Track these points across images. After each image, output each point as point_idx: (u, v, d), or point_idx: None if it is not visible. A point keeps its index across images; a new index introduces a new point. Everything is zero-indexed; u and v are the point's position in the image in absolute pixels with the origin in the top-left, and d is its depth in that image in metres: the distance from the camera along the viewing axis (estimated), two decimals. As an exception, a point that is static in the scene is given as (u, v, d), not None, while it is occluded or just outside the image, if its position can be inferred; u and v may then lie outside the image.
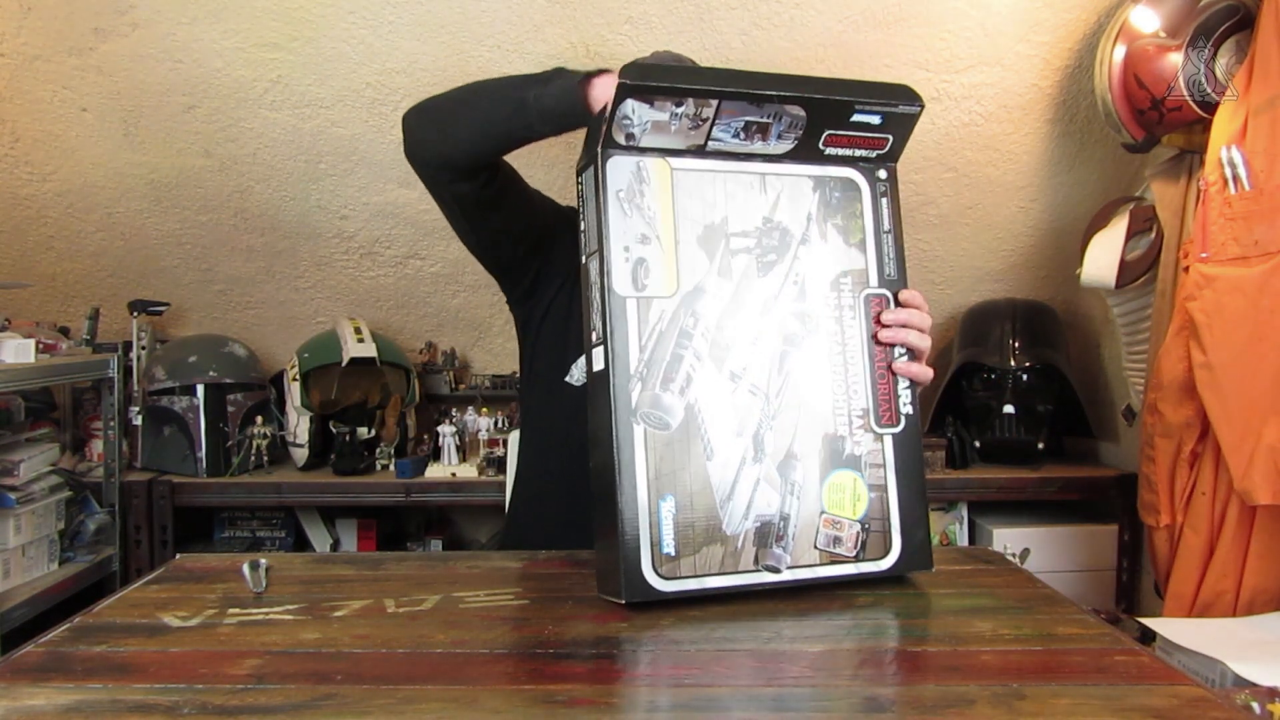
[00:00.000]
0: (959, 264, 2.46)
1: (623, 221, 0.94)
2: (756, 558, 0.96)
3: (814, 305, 1.01)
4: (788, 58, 2.02)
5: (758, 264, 0.99)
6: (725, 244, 0.98)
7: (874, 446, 1.02)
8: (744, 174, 1.00)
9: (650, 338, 0.93)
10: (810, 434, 0.99)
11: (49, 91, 2.03)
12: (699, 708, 0.74)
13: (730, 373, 0.96)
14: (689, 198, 0.97)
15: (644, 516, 0.92)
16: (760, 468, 0.97)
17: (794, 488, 0.98)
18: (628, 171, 0.95)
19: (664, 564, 0.92)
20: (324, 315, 2.54)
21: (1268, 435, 1.61)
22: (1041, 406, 2.36)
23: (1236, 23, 1.76)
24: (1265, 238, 1.63)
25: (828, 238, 1.02)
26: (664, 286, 0.94)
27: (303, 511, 2.47)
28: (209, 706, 0.74)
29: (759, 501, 0.96)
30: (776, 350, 0.99)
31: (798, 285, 1.00)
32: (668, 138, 0.96)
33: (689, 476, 0.94)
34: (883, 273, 1.05)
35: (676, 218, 0.96)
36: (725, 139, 0.98)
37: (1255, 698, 1.22)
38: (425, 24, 1.94)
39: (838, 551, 0.99)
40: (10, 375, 1.85)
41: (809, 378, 1.00)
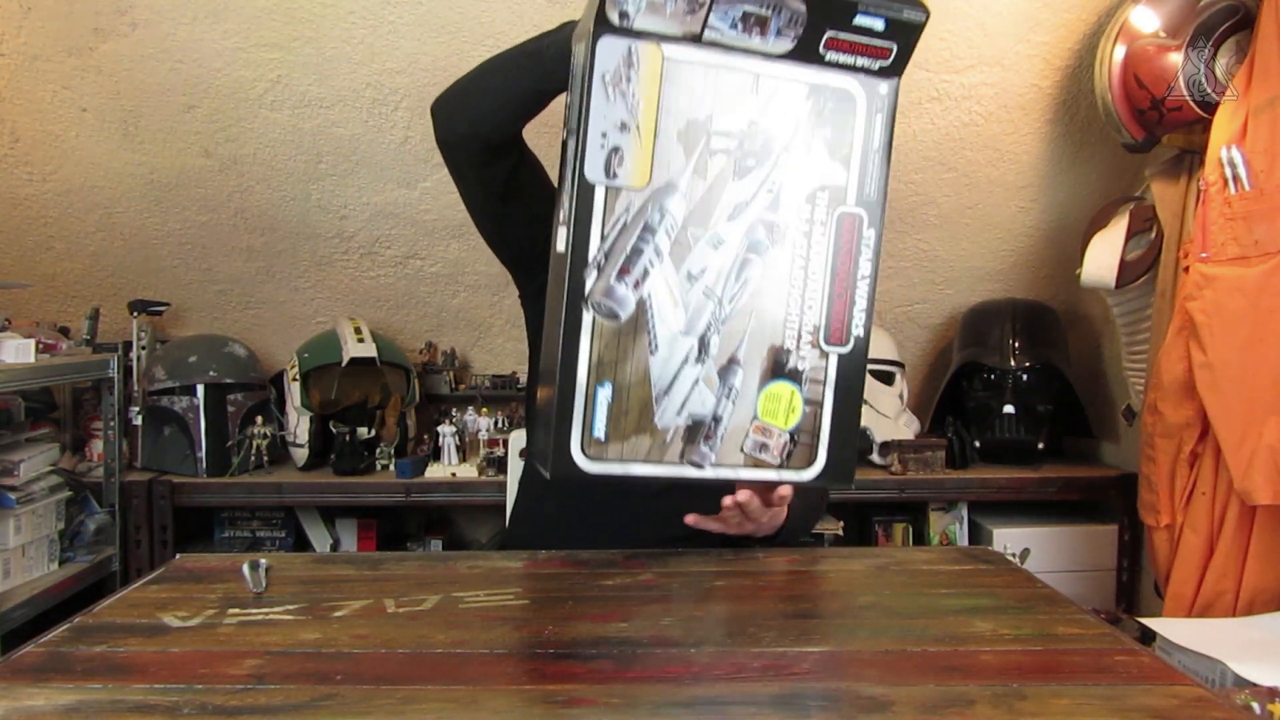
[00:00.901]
0: (959, 264, 2.46)
1: (604, 106, 0.92)
2: (683, 453, 0.97)
3: (785, 216, 1.00)
4: (788, 58, 2.03)
5: (735, 167, 0.97)
6: (706, 142, 0.96)
7: (818, 363, 1.02)
8: (738, 71, 0.97)
9: (614, 228, 0.93)
10: (757, 343, 0.99)
11: (49, 91, 2.03)
12: (699, 708, 0.74)
13: (688, 272, 0.96)
14: (676, 89, 0.94)
15: (579, 399, 0.93)
16: (701, 368, 0.97)
17: (731, 392, 0.99)
18: (618, 54, 0.92)
19: (592, 446, 0.94)
20: (324, 315, 2.54)
21: (1268, 435, 1.61)
22: (1041, 406, 2.36)
23: (1236, 23, 1.76)
24: (1265, 238, 1.63)
25: (812, 149, 1.00)
26: (636, 178, 0.93)
27: (303, 511, 2.47)
28: (209, 706, 0.74)
29: (694, 400, 0.97)
30: (738, 256, 0.98)
31: (772, 194, 0.99)
32: (663, 21, 0.93)
33: (630, 368, 0.95)
34: (863, 192, 1.03)
35: (660, 109, 0.94)
36: (723, 29, 0.94)
37: (1255, 698, 1.22)
38: (425, 24, 1.94)
39: (762, 457, 1.00)
40: (10, 375, 1.85)
41: (766, 288, 0.99)
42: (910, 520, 2.46)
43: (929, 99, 2.10)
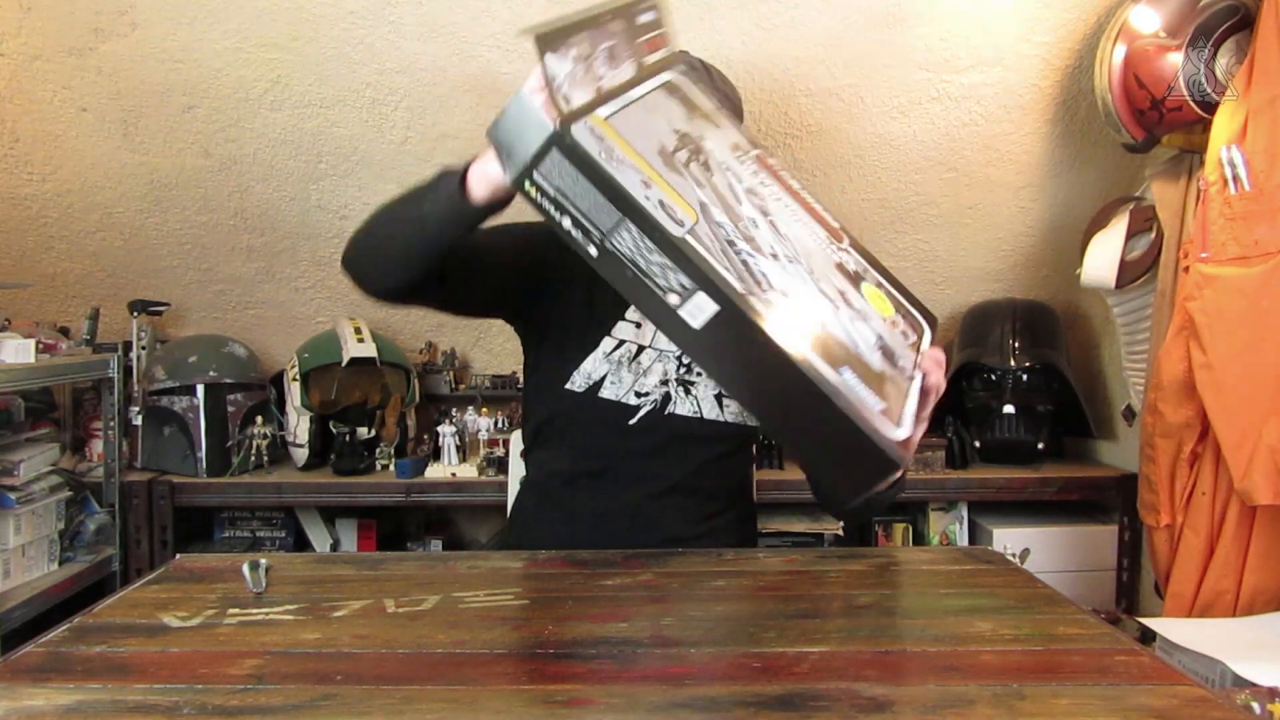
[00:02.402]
0: (959, 264, 2.46)
1: (625, 175, 0.89)
2: (900, 378, 1.00)
3: (752, 178, 1.05)
4: (788, 58, 2.03)
5: (703, 166, 1.00)
6: (677, 159, 0.97)
7: (849, 255, 1.11)
8: (644, 97, 1.01)
9: (720, 260, 0.89)
10: (828, 270, 1.03)
11: (49, 91, 2.03)
12: (699, 708, 0.74)
13: (772, 256, 0.96)
14: (634, 136, 0.94)
15: (855, 402, 0.87)
16: (845, 310, 0.99)
17: (862, 314, 1.02)
18: (591, 134, 0.90)
19: (900, 431, 0.90)
20: (324, 315, 2.54)
21: (1268, 435, 1.61)
22: (1041, 406, 2.36)
23: (1236, 23, 1.76)
24: (1265, 238, 1.63)
25: (719, 123, 1.08)
26: (689, 215, 0.92)
27: (303, 511, 2.47)
28: (209, 706, 0.74)
29: (864, 338, 0.98)
30: (769, 224, 1.01)
31: (730, 170, 1.03)
32: (581, 90, 0.95)
33: (836, 348, 0.92)
34: (744, 133, 1.12)
35: (641, 156, 0.94)
36: (606, 72, 0.99)
37: (1255, 698, 1.22)
38: (425, 24, 1.94)
39: (910, 339, 1.09)
40: (10, 375, 1.85)
41: (793, 231, 1.04)
42: (910, 520, 2.46)
43: (929, 99, 2.10)
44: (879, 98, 2.10)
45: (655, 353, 1.40)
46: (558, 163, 0.85)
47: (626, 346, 1.39)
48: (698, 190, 0.95)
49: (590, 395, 1.36)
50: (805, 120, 2.14)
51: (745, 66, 2.03)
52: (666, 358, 1.40)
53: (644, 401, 1.38)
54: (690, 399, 1.39)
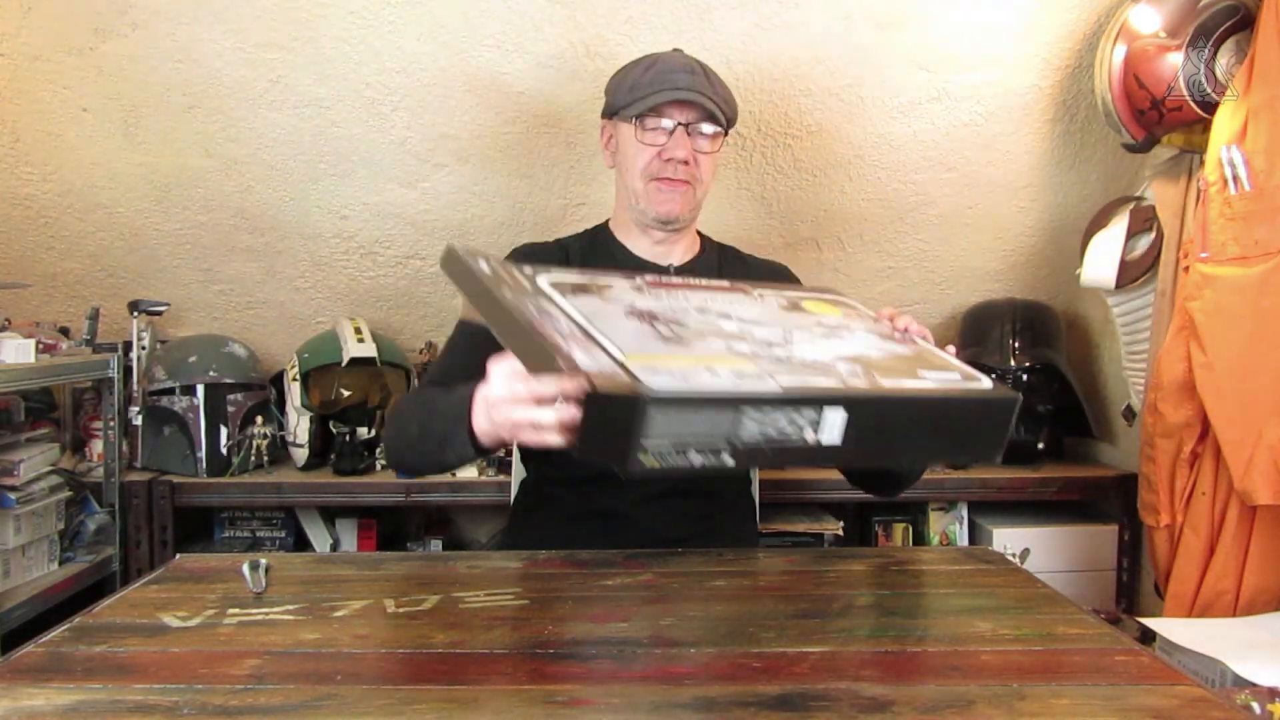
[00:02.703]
0: (959, 264, 2.46)
1: (703, 378, 0.86)
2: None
3: (692, 302, 1.06)
4: (788, 58, 2.03)
5: (678, 322, 0.99)
6: (677, 332, 0.96)
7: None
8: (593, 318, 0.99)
9: (805, 376, 0.91)
10: (800, 322, 1.08)
11: (49, 91, 2.03)
12: (699, 708, 0.74)
13: (786, 341, 0.99)
14: (647, 341, 0.92)
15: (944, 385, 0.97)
16: (846, 339, 1.07)
17: (847, 327, 1.11)
18: (655, 372, 0.84)
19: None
20: (324, 315, 2.54)
21: (1268, 435, 1.61)
22: (1041, 406, 2.36)
23: (1236, 23, 1.77)
24: (1265, 238, 1.63)
25: (608, 286, 1.07)
26: (751, 365, 0.91)
27: (303, 511, 2.47)
28: (209, 706, 0.74)
29: (874, 344, 1.06)
30: (743, 322, 1.03)
31: (679, 308, 1.03)
32: (580, 347, 0.92)
33: (888, 365, 1.00)
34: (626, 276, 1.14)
35: (685, 354, 0.92)
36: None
37: (1255, 698, 1.22)
38: (425, 24, 1.94)
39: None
40: (10, 375, 1.85)
41: (746, 308, 1.08)
42: (910, 520, 2.46)
43: (929, 99, 2.10)
44: (879, 98, 2.10)
45: None
46: (658, 419, 0.80)
47: None
48: (714, 342, 0.95)
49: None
50: (805, 120, 2.14)
51: (745, 66, 2.03)
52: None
53: None
54: None
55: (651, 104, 1.40)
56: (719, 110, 1.43)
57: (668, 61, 1.45)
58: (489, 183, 2.24)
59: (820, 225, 2.36)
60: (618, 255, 1.49)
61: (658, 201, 1.44)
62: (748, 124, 2.14)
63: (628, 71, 1.48)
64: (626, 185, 1.47)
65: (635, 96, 1.42)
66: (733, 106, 1.49)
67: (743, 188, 2.28)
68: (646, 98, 1.41)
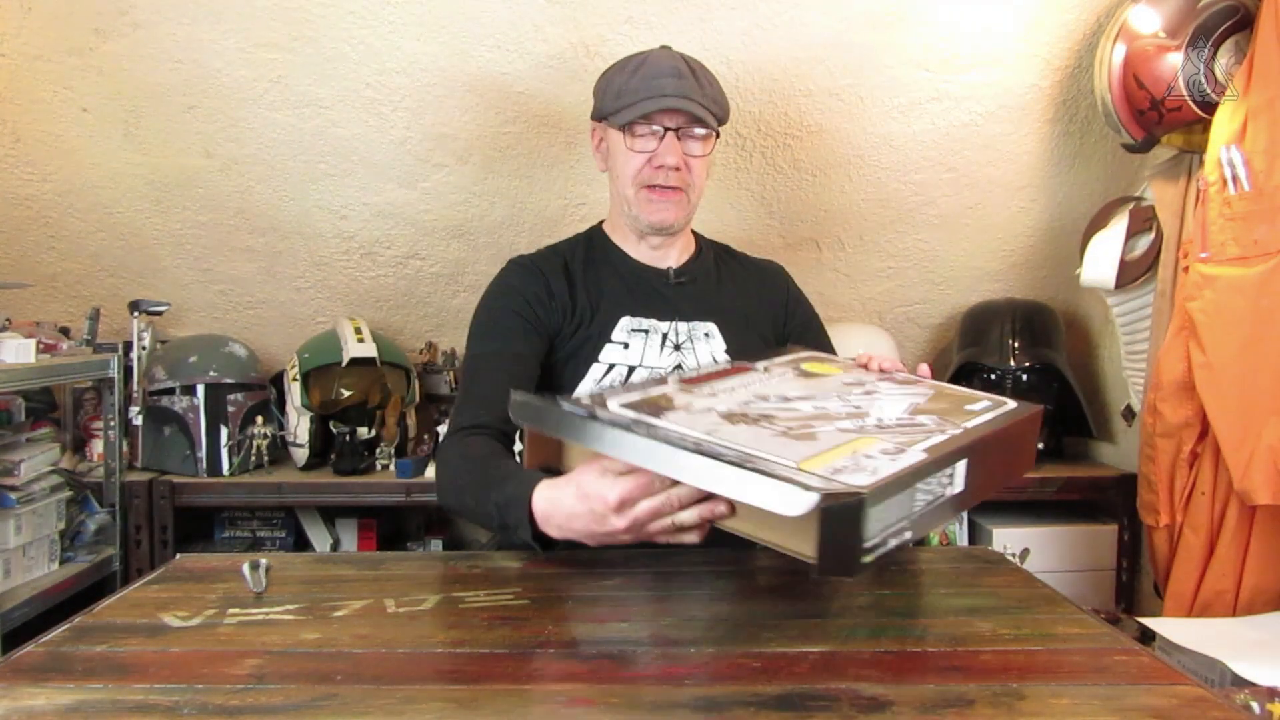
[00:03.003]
0: (959, 264, 2.46)
1: (884, 464, 0.87)
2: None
3: (772, 384, 1.12)
4: (788, 58, 2.03)
5: (782, 400, 1.05)
6: (799, 416, 1.00)
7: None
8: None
9: (925, 434, 0.97)
10: (843, 388, 1.14)
11: (49, 91, 2.03)
12: (699, 708, 0.74)
13: (875, 401, 1.07)
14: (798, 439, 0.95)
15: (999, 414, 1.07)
16: (904, 392, 1.17)
17: (879, 389, 1.17)
18: (854, 470, 0.86)
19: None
20: (324, 315, 2.54)
21: (1268, 435, 1.61)
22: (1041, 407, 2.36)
23: (1236, 23, 1.77)
24: (1265, 238, 1.63)
25: (704, 388, 1.10)
26: (878, 435, 0.96)
27: (303, 511, 2.47)
28: (209, 706, 0.74)
29: (902, 397, 1.13)
30: (835, 398, 1.09)
31: (768, 394, 1.07)
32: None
33: (948, 405, 1.09)
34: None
35: (833, 443, 0.93)
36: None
37: (1255, 698, 1.22)
38: (425, 24, 1.94)
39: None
40: (10, 375, 1.85)
41: (803, 386, 1.13)
42: (910, 520, 2.46)
43: (929, 99, 2.10)
44: (879, 98, 2.10)
45: (647, 371, 1.39)
46: (872, 516, 0.80)
47: (618, 370, 1.39)
48: (822, 426, 0.97)
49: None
50: (805, 120, 2.14)
51: (745, 66, 2.03)
52: (659, 374, 1.39)
53: None
54: None
55: (639, 113, 1.37)
56: (709, 112, 1.40)
57: (654, 64, 1.41)
58: (489, 183, 2.24)
59: (820, 225, 2.36)
60: (614, 259, 1.48)
61: (650, 210, 1.42)
62: (748, 124, 2.14)
63: (614, 74, 1.44)
64: (619, 191, 1.46)
65: (622, 103, 1.39)
66: (724, 104, 1.46)
67: (743, 188, 2.28)
68: (633, 105, 1.38)
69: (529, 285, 1.42)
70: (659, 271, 1.47)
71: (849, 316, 2.56)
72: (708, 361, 1.42)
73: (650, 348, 1.40)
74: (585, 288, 1.44)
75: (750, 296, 1.51)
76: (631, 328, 1.41)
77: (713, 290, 1.49)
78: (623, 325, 1.41)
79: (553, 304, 1.41)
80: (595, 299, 1.43)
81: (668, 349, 1.41)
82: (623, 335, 1.40)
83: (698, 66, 1.43)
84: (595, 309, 1.42)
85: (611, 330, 1.40)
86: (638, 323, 1.42)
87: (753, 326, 1.48)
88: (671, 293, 1.46)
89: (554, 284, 1.42)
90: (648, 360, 1.39)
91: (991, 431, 1.00)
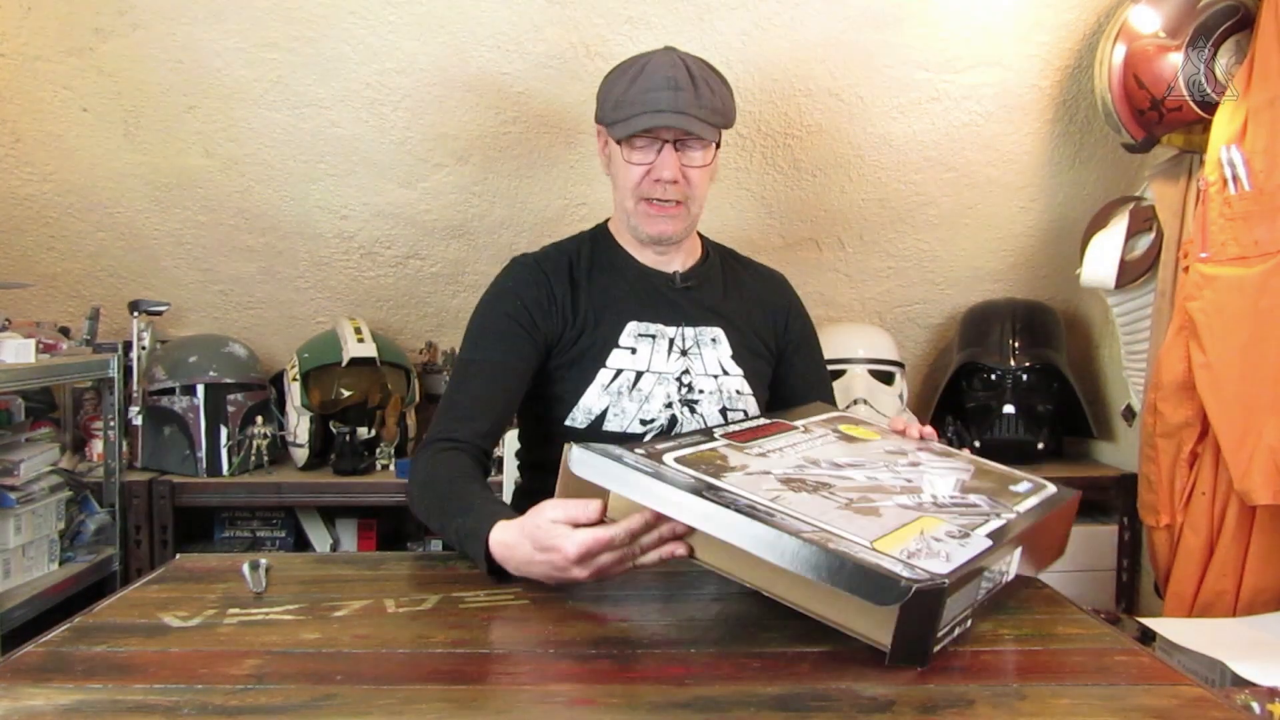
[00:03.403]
0: (959, 264, 2.46)
1: (941, 562, 0.83)
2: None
3: (815, 449, 1.11)
4: (788, 58, 2.03)
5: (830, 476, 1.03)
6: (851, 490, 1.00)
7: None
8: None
9: (985, 515, 0.97)
10: (885, 455, 1.15)
11: (49, 91, 2.03)
12: (699, 708, 0.74)
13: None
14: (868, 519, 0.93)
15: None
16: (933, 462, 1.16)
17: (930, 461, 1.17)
18: (929, 555, 0.86)
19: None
20: (324, 315, 2.54)
21: (1268, 435, 1.61)
22: (1041, 406, 2.36)
23: (1236, 23, 1.77)
24: (1265, 238, 1.63)
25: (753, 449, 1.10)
26: (940, 514, 0.95)
27: (303, 511, 2.47)
28: (209, 706, 0.74)
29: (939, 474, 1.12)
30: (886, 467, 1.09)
31: (820, 467, 1.06)
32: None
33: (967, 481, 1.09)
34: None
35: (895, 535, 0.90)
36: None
37: (1255, 698, 1.22)
38: (425, 24, 1.94)
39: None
40: (10, 375, 1.85)
41: (857, 451, 1.14)
42: (910, 520, 2.46)
43: (929, 99, 2.10)
44: (879, 98, 2.10)
45: (655, 376, 1.38)
46: (948, 603, 0.79)
47: (625, 375, 1.37)
48: (883, 500, 0.96)
49: (594, 430, 1.34)
50: (805, 120, 2.14)
51: (745, 66, 2.03)
52: (667, 380, 1.38)
53: (650, 428, 1.36)
54: (696, 418, 1.37)
55: (634, 129, 1.34)
56: (707, 123, 1.35)
57: (653, 74, 1.35)
58: (489, 183, 2.24)
59: (820, 225, 2.36)
60: (620, 262, 1.46)
61: (649, 224, 1.40)
62: (748, 124, 2.14)
63: (616, 79, 1.39)
64: (619, 200, 1.44)
65: (620, 115, 1.35)
66: (728, 109, 1.41)
67: (743, 188, 2.28)
68: (629, 120, 1.34)
69: (529, 289, 1.40)
70: (665, 276, 1.45)
71: (849, 316, 2.56)
72: (714, 368, 1.41)
73: (658, 353, 1.39)
74: (590, 293, 1.41)
75: (754, 302, 1.50)
76: (639, 333, 1.40)
77: (719, 295, 1.47)
78: (630, 330, 1.39)
79: (553, 309, 1.39)
80: (600, 304, 1.41)
81: (675, 354, 1.40)
82: (630, 340, 1.39)
83: (699, 71, 1.38)
84: (600, 314, 1.40)
85: (619, 335, 1.38)
86: (644, 328, 1.40)
87: (757, 333, 1.48)
88: (678, 297, 1.44)
89: (556, 288, 1.40)
90: (655, 365, 1.38)
91: (1041, 519, 1.00)
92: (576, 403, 1.36)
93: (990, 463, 1.18)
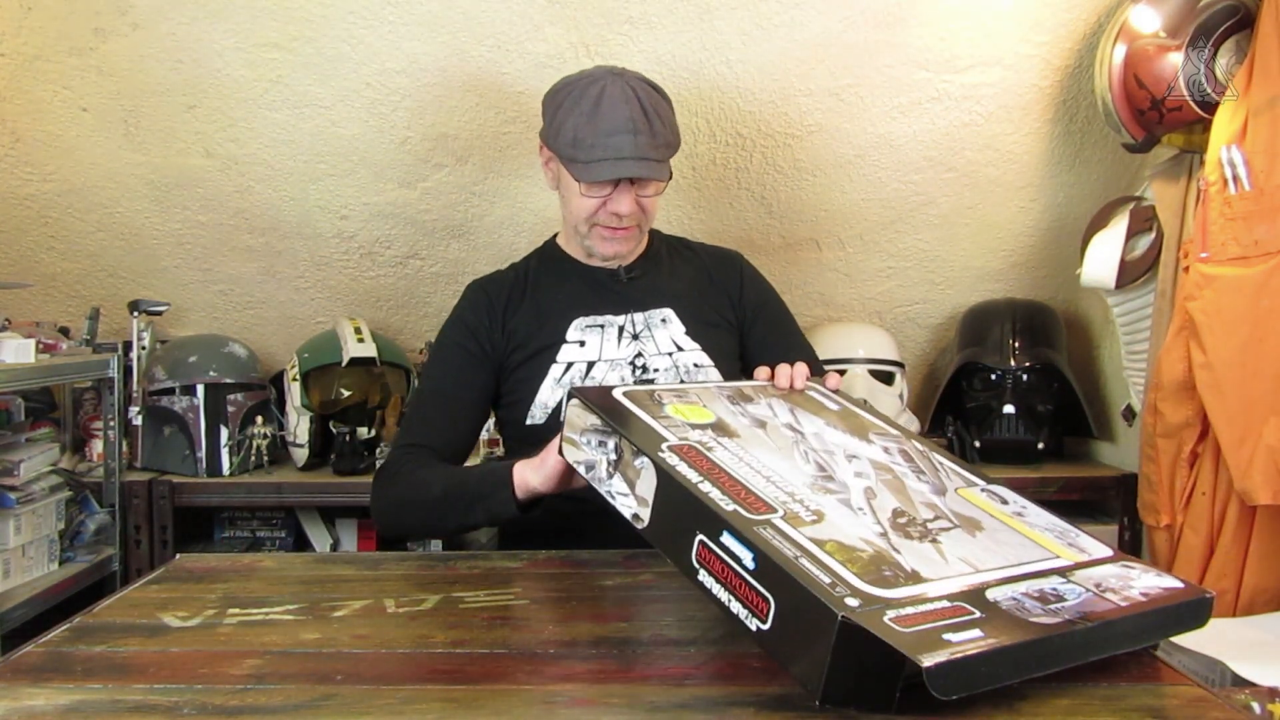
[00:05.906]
0: (959, 264, 2.46)
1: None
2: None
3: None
4: (788, 58, 2.03)
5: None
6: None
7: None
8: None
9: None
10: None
11: (49, 91, 2.03)
12: (699, 708, 0.74)
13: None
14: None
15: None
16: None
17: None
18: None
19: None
20: (324, 315, 2.54)
21: (1268, 435, 1.61)
22: (1041, 406, 2.36)
23: (1236, 23, 1.77)
24: (1265, 238, 1.63)
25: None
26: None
27: (303, 511, 2.47)
28: (209, 706, 0.74)
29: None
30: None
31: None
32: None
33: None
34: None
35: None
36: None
37: (1255, 698, 1.22)
38: (425, 24, 1.94)
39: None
40: (10, 375, 1.85)
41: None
42: (910, 520, 2.46)
43: (929, 99, 2.10)
44: (879, 98, 2.10)
45: (607, 364, 1.41)
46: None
47: (576, 367, 1.41)
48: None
49: (552, 424, 1.37)
50: (805, 120, 2.14)
51: (745, 66, 2.03)
52: (620, 365, 1.41)
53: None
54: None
55: (595, 176, 1.35)
56: (662, 162, 1.38)
57: (610, 114, 1.33)
58: (489, 183, 2.24)
59: (820, 225, 2.36)
60: (566, 267, 1.51)
61: (604, 245, 1.44)
62: (748, 124, 2.14)
63: (567, 108, 1.37)
64: (571, 221, 1.46)
65: (580, 156, 1.35)
66: (677, 135, 1.42)
67: (743, 188, 2.28)
68: (589, 165, 1.34)
69: (474, 314, 1.47)
70: (610, 272, 1.49)
71: (849, 316, 2.56)
72: (667, 346, 1.43)
73: (608, 341, 1.43)
74: (535, 300, 1.47)
75: (704, 278, 1.53)
76: (586, 325, 1.44)
77: (665, 277, 1.51)
78: (576, 324, 1.44)
79: (494, 327, 1.45)
80: (546, 307, 1.46)
81: (626, 340, 1.44)
82: (577, 334, 1.43)
83: (649, 102, 1.36)
84: (546, 316, 1.45)
85: (565, 331, 1.43)
86: (592, 320, 1.45)
87: (712, 305, 1.50)
88: (625, 289, 1.48)
89: (498, 305, 1.47)
90: (606, 354, 1.42)
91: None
92: (533, 400, 1.40)
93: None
